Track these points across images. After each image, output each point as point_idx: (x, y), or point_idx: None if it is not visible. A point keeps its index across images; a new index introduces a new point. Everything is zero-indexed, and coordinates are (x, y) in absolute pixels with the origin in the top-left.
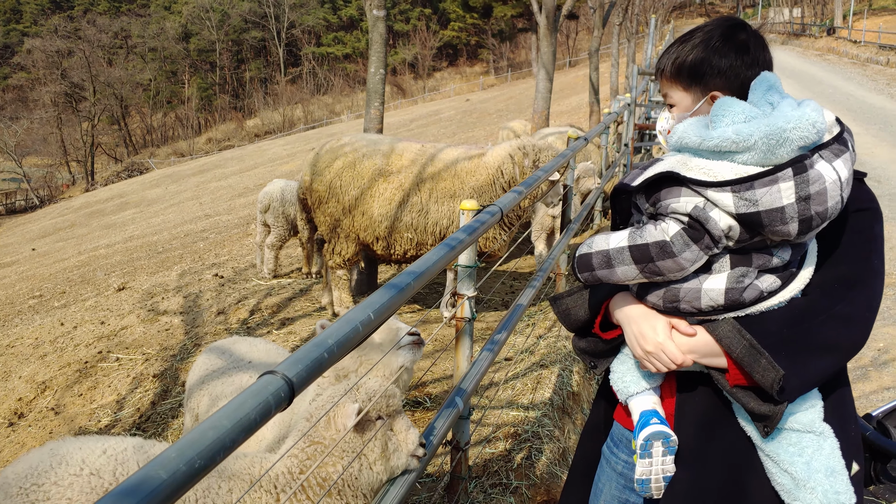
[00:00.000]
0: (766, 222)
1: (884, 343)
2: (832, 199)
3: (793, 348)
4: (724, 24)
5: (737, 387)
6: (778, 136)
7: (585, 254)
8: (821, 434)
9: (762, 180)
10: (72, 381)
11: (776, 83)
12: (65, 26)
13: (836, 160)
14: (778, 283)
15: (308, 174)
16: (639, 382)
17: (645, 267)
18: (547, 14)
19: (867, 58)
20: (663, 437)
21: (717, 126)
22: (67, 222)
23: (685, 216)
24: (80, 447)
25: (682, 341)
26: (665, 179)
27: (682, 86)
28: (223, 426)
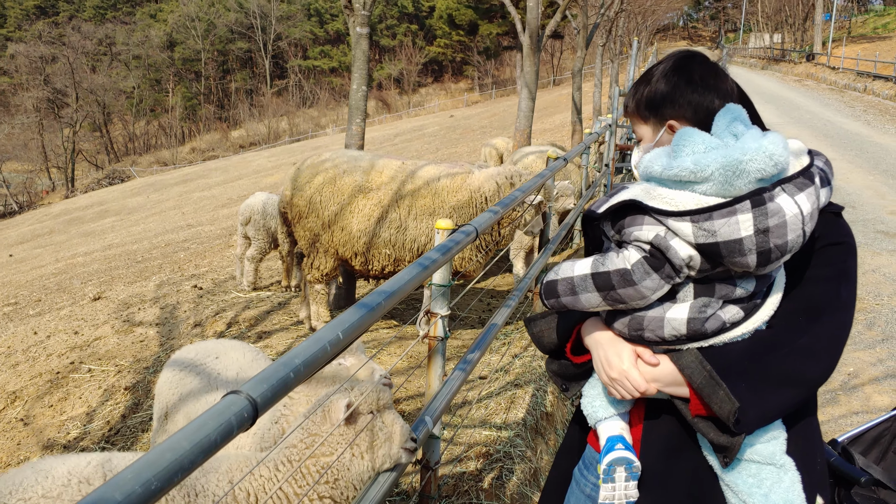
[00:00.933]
0: (724, 253)
1: (854, 367)
2: (792, 233)
3: (753, 380)
4: (676, 56)
5: (698, 417)
6: (734, 167)
7: (551, 281)
8: (781, 467)
9: (720, 211)
10: (42, 392)
11: (740, 115)
12: (49, 32)
13: (799, 194)
14: (741, 315)
15: (289, 189)
16: (607, 408)
17: (607, 294)
18: (530, 34)
19: (845, 84)
20: (626, 462)
21: (678, 156)
22: (46, 229)
23: (647, 244)
24: (63, 462)
25: (646, 370)
26: (629, 207)
27: (643, 119)
28: (182, 448)
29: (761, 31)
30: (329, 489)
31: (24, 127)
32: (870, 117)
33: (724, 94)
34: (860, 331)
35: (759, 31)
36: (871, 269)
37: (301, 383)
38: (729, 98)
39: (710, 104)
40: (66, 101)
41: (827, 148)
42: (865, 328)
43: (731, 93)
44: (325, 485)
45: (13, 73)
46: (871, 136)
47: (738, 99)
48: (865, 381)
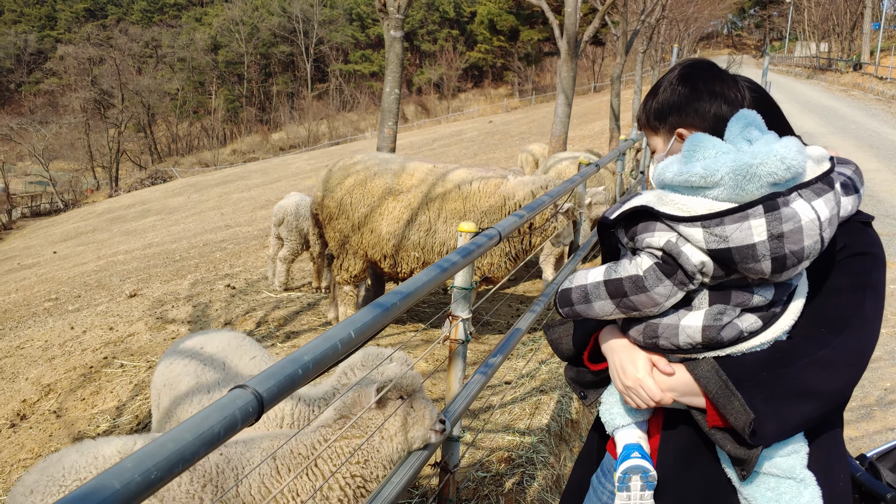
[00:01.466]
0: (737, 259)
1: (890, 383)
2: (809, 238)
3: (770, 392)
4: (682, 64)
5: (715, 428)
6: (745, 171)
7: (566, 289)
8: (801, 481)
9: (732, 216)
10: (76, 385)
11: (755, 120)
12: (97, 34)
13: (817, 199)
14: (759, 324)
15: (320, 190)
16: (625, 416)
17: (620, 301)
18: (568, 40)
19: (893, 94)
20: (642, 471)
21: (689, 161)
22: (89, 227)
23: (659, 250)
24: (107, 443)
25: (661, 379)
26: (641, 213)
27: (653, 130)
28: (184, 439)
29: (807, 40)
30: (360, 468)
31: (72, 127)
32: None
33: (730, 101)
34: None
35: (806, 39)
36: None
37: (310, 381)
38: (738, 105)
39: (717, 111)
40: (112, 101)
41: (872, 159)
42: None
43: (738, 100)
44: (356, 465)
45: (62, 74)
46: None
47: (759, 105)
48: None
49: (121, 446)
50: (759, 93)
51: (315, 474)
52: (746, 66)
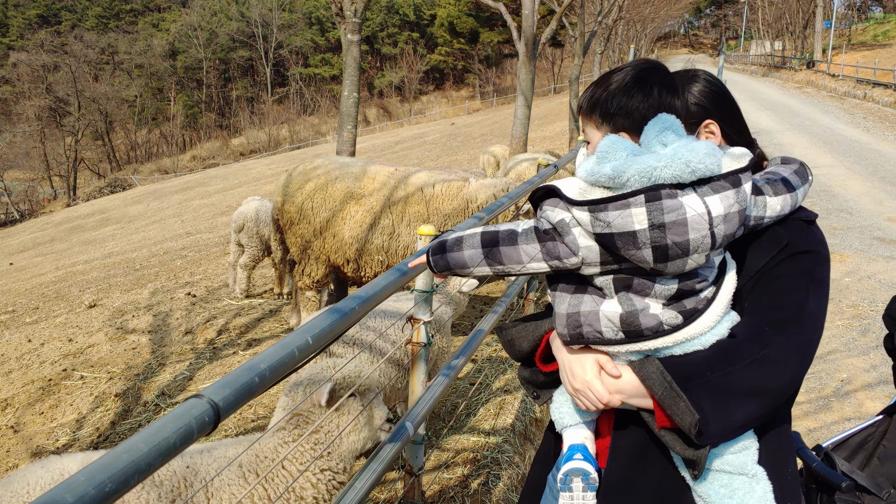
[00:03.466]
0: (619, 245)
1: (847, 374)
2: (695, 232)
3: (715, 392)
4: (639, 66)
5: (664, 429)
6: (649, 174)
7: (443, 238)
8: (753, 476)
9: (616, 203)
10: (34, 399)
11: (672, 124)
12: (51, 41)
13: (712, 196)
14: (680, 319)
15: (280, 196)
16: (574, 415)
17: (489, 251)
18: (526, 42)
19: (845, 91)
20: (583, 473)
21: (600, 162)
22: (47, 237)
23: (551, 224)
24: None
25: (609, 381)
26: (550, 192)
27: (595, 124)
28: (139, 450)
29: (762, 39)
30: (326, 462)
31: (27, 135)
32: (869, 124)
33: (675, 112)
34: (854, 337)
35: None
36: (867, 275)
37: (267, 388)
38: (679, 114)
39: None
40: (69, 109)
41: (826, 154)
42: (860, 334)
43: (679, 110)
44: (321, 459)
45: (15, 81)
46: (869, 143)
47: (715, 98)
48: (858, 388)
49: (86, 462)
50: (717, 87)
51: (283, 476)
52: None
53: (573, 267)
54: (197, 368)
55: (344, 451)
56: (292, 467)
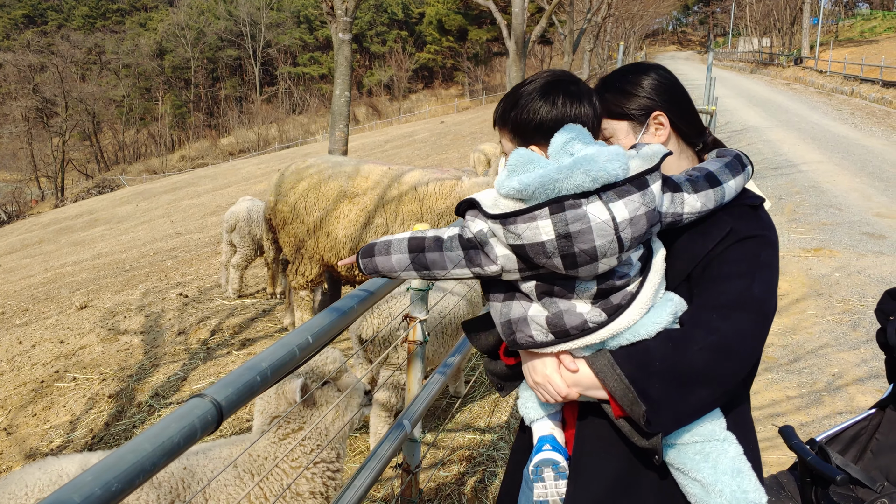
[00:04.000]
0: (531, 254)
1: (838, 368)
2: (601, 238)
3: (665, 381)
4: (545, 78)
5: (622, 418)
6: (551, 185)
7: (372, 242)
8: (724, 440)
9: (523, 216)
10: (26, 401)
11: (579, 134)
12: (38, 41)
13: (617, 201)
14: (604, 317)
15: (273, 195)
16: (538, 409)
17: (416, 257)
18: (516, 39)
19: (832, 88)
20: (552, 463)
21: (510, 176)
22: (35, 238)
23: (472, 234)
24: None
25: (567, 375)
26: (471, 204)
27: (509, 137)
28: (144, 450)
29: (750, 36)
30: (316, 454)
31: (13, 136)
32: (857, 120)
33: (583, 120)
34: (845, 332)
35: (748, 35)
36: (857, 270)
37: (268, 387)
38: (587, 123)
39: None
40: (56, 110)
41: (814, 150)
42: (850, 329)
43: (589, 117)
44: (311, 453)
45: (1, 82)
46: (857, 139)
47: (663, 91)
48: (849, 382)
49: (84, 463)
50: (667, 79)
51: (277, 474)
52: (691, 62)
53: (494, 274)
54: (191, 369)
55: (333, 438)
56: (285, 465)
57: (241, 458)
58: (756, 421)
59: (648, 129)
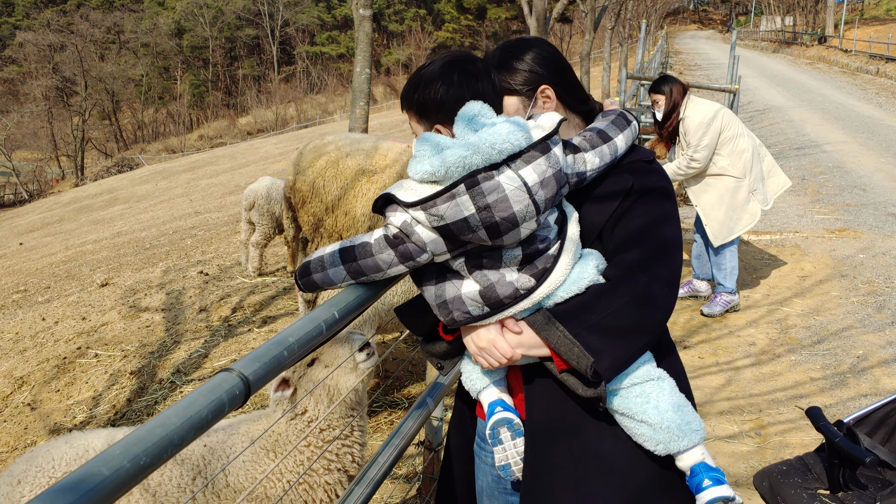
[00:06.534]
0: (456, 232)
1: (863, 350)
2: (518, 204)
3: (602, 332)
4: (443, 59)
5: (564, 372)
6: (460, 163)
7: (307, 261)
8: (659, 378)
9: (442, 197)
10: (49, 377)
11: (480, 111)
12: (57, 20)
13: (525, 167)
14: (532, 282)
15: (292, 173)
16: (483, 378)
17: (350, 266)
18: (537, 17)
19: (857, 67)
20: (507, 422)
21: (420, 161)
22: (56, 217)
23: (397, 228)
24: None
25: (510, 337)
26: (388, 200)
27: (416, 119)
28: (172, 424)
29: (773, 14)
30: (328, 433)
31: (34, 116)
32: (882, 100)
33: (482, 96)
34: (870, 313)
35: (771, 13)
36: (882, 251)
37: (295, 362)
38: (487, 98)
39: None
40: (75, 89)
41: (838, 130)
42: (875, 311)
43: (489, 93)
44: (322, 433)
45: (22, 61)
46: (882, 119)
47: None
48: (875, 364)
49: (109, 438)
50: (548, 52)
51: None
52: (713, 41)
53: (426, 261)
54: (212, 346)
55: (339, 410)
56: (296, 441)
57: (257, 434)
58: (779, 402)
59: (537, 102)
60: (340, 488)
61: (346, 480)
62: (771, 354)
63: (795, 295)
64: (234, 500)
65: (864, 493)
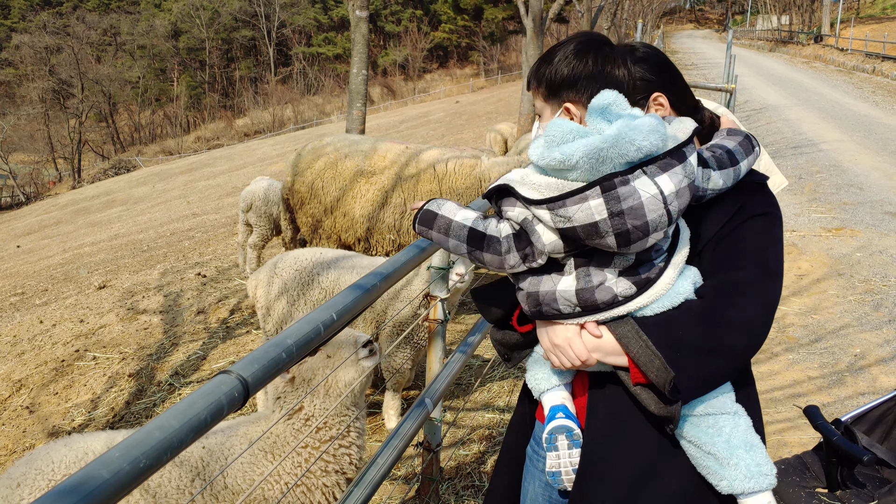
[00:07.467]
0: (583, 236)
1: (860, 349)
2: (652, 213)
3: (688, 350)
4: (580, 38)
5: (639, 386)
6: (596, 155)
7: (432, 212)
8: (735, 413)
9: (573, 198)
10: (48, 380)
11: (615, 101)
12: (53, 22)
13: (662, 175)
14: (633, 290)
15: (290, 175)
16: (549, 379)
17: (473, 251)
18: (533, 17)
19: (853, 66)
20: (566, 430)
21: (549, 147)
22: (53, 219)
23: (517, 224)
24: (95, 438)
25: (588, 340)
26: (504, 190)
27: (543, 97)
28: (171, 426)
29: (769, 13)
30: (326, 432)
31: (30, 118)
32: (878, 98)
33: (617, 82)
34: (867, 312)
35: (767, 13)
36: (879, 250)
37: (294, 364)
38: (622, 86)
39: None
40: (72, 91)
41: (835, 129)
42: (872, 309)
43: (624, 79)
44: (319, 432)
45: (18, 64)
46: (879, 118)
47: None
48: (872, 363)
49: (109, 440)
50: (659, 58)
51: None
52: (709, 41)
53: (544, 262)
54: (210, 348)
55: (344, 403)
56: (294, 443)
57: (255, 436)
58: (777, 401)
59: (649, 110)
60: (338, 490)
61: (344, 483)
62: (769, 353)
63: (793, 294)
64: (233, 502)
65: (862, 492)
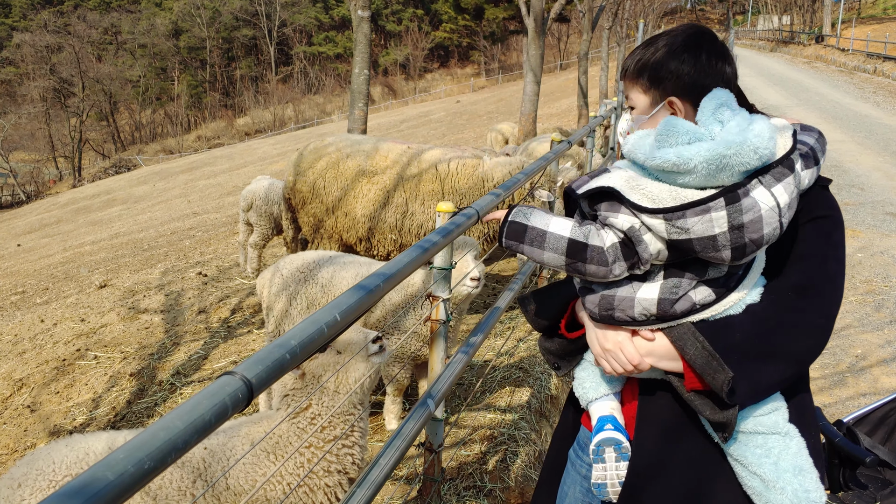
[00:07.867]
0: (698, 248)
1: (862, 349)
2: (769, 227)
3: (745, 354)
4: (689, 30)
5: (693, 393)
6: (718, 161)
7: (520, 223)
8: (786, 434)
9: (695, 209)
10: (49, 379)
11: (727, 100)
12: (54, 21)
13: (777, 185)
14: (713, 297)
15: (291, 174)
16: (598, 388)
17: (573, 263)
18: (535, 17)
19: (854, 66)
20: (615, 443)
21: (661, 146)
22: (53, 218)
23: (621, 232)
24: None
25: (641, 344)
26: (607, 194)
27: (643, 88)
28: (175, 427)
29: (770, 13)
30: (330, 432)
31: (31, 117)
32: (879, 99)
33: (728, 80)
34: (868, 313)
35: (768, 13)
36: (880, 250)
37: (297, 364)
38: (729, 83)
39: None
40: (73, 90)
41: (836, 130)
42: (874, 310)
43: (732, 77)
44: (324, 431)
45: (19, 62)
46: (880, 118)
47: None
48: (873, 363)
49: (110, 440)
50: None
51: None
52: None
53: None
54: (212, 347)
55: (339, 406)
56: (297, 443)
57: (258, 437)
58: None
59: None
60: (341, 491)
61: (347, 483)
62: None
63: None
64: (235, 503)
65: (864, 493)
